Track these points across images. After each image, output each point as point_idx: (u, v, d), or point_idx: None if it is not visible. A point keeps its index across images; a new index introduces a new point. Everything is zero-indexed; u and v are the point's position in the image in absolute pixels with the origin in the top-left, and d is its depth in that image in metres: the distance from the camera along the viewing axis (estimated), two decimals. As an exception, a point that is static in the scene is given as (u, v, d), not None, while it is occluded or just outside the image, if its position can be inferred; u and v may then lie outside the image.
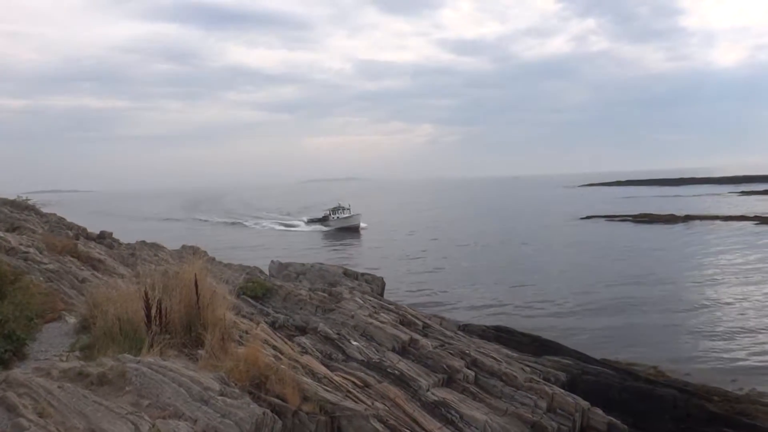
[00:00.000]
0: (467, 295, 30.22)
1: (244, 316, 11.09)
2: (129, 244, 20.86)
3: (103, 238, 20.61)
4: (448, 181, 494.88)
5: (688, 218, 64.47)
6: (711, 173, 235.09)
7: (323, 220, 78.71)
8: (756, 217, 60.26)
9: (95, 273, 13.34)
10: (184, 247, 22.43)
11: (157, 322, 6.66)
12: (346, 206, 78.41)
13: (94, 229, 21.85)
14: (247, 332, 8.75)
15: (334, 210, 78.40)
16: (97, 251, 16.38)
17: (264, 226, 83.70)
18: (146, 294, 6.67)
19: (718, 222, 60.09)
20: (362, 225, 73.48)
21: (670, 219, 65.28)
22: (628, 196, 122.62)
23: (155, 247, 20.82)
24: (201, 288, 7.23)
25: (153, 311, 6.63)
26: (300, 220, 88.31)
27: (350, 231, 71.23)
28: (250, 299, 13.80)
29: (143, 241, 21.31)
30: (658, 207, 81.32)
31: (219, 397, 5.29)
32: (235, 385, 6.05)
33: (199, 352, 6.77)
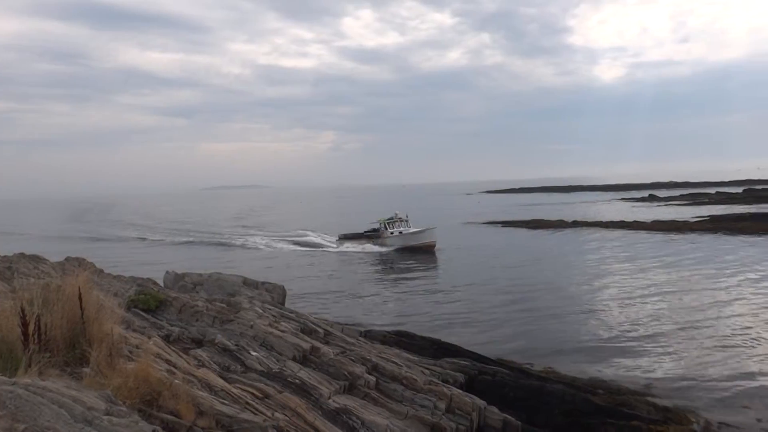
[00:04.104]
0: (370, 301, 30.44)
1: (135, 330, 10.57)
2: (5, 256, 19.20)
3: (-26, 250, 18.87)
4: (353, 189, 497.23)
5: (575, 224, 68.79)
6: (595, 181, 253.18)
7: (373, 237, 57.80)
8: (635, 222, 65.45)
9: (-35, 289, 12.20)
10: (68, 258, 20.96)
11: (36, 340, 6.19)
12: (404, 217, 58.92)
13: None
14: (138, 347, 8.35)
15: (391, 222, 57.79)
16: (-33, 265, 15.00)
17: (264, 246, 61.57)
18: (23, 310, 6.18)
19: (600, 228, 64.55)
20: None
21: (560, 225, 69.33)
22: (522, 203, 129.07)
23: (36, 259, 19.30)
24: (86, 301, 6.82)
25: (31, 328, 6.15)
26: (319, 236, 67.82)
27: (419, 251, 51.71)
28: (141, 312, 13.13)
29: (22, 254, 19.71)
30: (548, 213, 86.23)
31: (104, 417, 4.99)
32: (124, 403, 5.74)
33: (84, 370, 6.37)
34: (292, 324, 13.77)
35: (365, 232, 59.84)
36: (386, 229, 57.05)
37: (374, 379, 11.83)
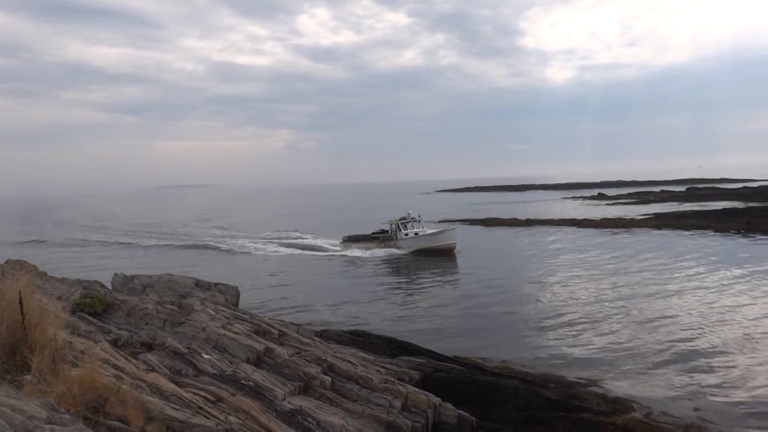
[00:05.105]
0: (327, 302, 30.26)
1: (80, 335, 10.24)
2: (-59, 260, 18.28)
3: None
4: (308, 188, 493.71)
5: (529, 222, 70.19)
6: (547, 180, 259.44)
7: (384, 239, 52.45)
8: (585, 220, 67.26)
9: None
10: (8, 261, 20.10)
11: (-28, 347, 5.94)
12: (417, 217, 53.80)
13: None
14: (83, 352, 8.09)
15: (404, 222, 52.61)
16: None
17: (257, 250, 54.99)
18: (-42, 316, 5.92)
19: (552, 225, 66.05)
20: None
21: (514, 223, 70.61)
22: (477, 202, 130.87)
23: (-26, 262, 18.50)
24: (27, 306, 6.57)
25: (-34, 335, 5.89)
26: (316, 237, 62.17)
27: (438, 254, 47.56)
28: (88, 316, 12.71)
29: (-41, 257, 18.81)
30: (503, 212, 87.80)
31: (46, 426, 4.82)
32: (68, 410, 5.55)
33: (26, 377, 6.13)
34: (245, 325, 13.57)
35: (373, 233, 54.40)
36: (399, 230, 51.92)
37: (330, 379, 11.77)
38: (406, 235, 51.39)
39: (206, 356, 11.07)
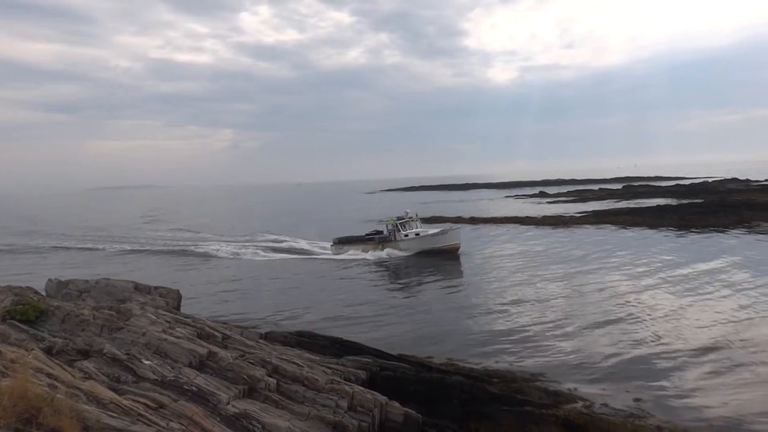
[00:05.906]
0: (272, 306, 29.88)
1: (11, 344, 9.78)
2: None
3: None
4: (252, 188, 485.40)
5: (473, 220, 71.49)
6: (490, 179, 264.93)
7: (382, 240, 49.62)
8: (527, 218, 69.04)
9: None
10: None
11: None
12: (414, 216, 51.38)
13: None
14: (14, 361, 7.75)
15: (402, 223, 49.44)
16: None
17: (231, 253, 51.76)
18: None
19: (495, 223, 67.49)
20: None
21: (458, 221, 71.76)
22: (422, 200, 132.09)
23: None
24: (-49, 315, 6.25)
25: None
26: (304, 240, 58.50)
27: (441, 255, 45.39)
28: (19, 324, 12.13)
29: None
30: (447, 210, 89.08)
31: (-27, 440, 4.60)
32: (-3, 423, 5.32)
33: (-50, 390, 5.84)
34: (187, 329, 13.28)
35: (367, 235, 51.61)
36: (398, 230, 48.93)
37: (275, 381, 11.67)
38: (406, 235, 48.73)
39: (146, 362, 10.77)
